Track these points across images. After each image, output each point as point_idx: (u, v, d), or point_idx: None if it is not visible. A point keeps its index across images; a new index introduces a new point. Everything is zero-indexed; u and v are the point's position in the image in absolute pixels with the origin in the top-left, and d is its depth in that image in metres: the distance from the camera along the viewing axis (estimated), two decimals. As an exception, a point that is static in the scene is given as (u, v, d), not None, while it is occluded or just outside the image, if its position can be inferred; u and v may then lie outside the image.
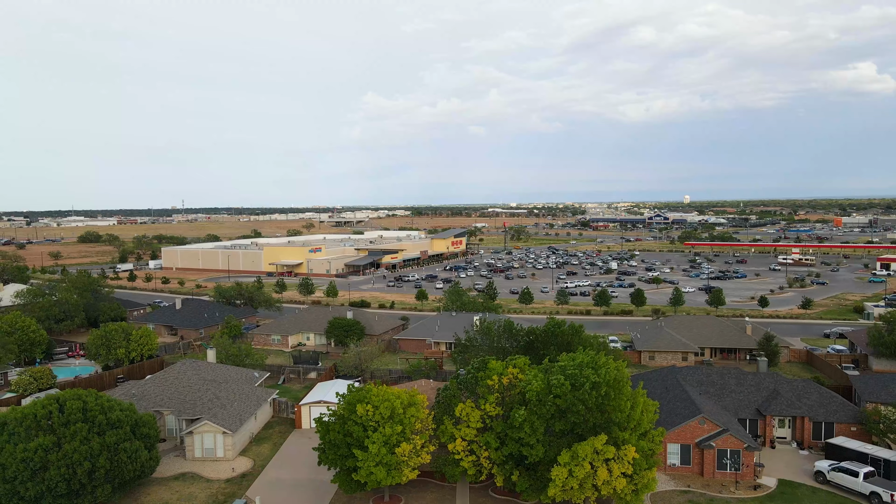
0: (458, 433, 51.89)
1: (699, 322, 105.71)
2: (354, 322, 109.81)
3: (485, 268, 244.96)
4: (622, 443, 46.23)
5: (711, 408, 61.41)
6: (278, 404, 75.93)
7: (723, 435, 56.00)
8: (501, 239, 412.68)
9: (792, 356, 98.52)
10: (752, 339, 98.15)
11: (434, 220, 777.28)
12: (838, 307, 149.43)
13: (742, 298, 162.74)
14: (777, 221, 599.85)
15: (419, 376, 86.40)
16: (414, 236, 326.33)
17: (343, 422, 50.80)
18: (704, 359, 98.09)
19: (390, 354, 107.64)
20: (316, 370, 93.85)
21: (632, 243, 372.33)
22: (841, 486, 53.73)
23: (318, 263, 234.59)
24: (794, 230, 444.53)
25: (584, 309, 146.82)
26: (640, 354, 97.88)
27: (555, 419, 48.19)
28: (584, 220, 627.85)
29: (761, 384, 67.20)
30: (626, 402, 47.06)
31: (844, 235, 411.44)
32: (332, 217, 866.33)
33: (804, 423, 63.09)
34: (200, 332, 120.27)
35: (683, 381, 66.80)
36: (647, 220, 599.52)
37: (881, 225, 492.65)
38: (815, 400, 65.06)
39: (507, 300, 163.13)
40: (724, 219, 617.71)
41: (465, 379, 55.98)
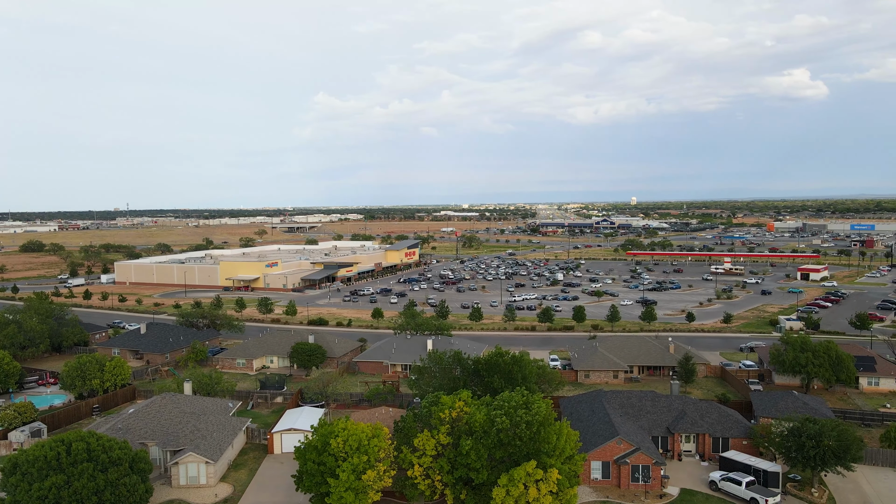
0: (416, 460, 61.29)
1: (629, 342, 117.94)
2: (316, 346, 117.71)
3: (437, 280, 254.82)
4: (549, 467, 56.55)
5: (629, 428, 72.57)
6: (251, 431, 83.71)
7: (636, 453, 67.11)
8: (454, 246, 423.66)
9: (708, 372, 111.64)
10: (675, 357, 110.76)
11: (387, 225, 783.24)
12: (757, 319, 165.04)
13: (674, 311, 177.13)
14: (716, 226, 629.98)
15: (379, 400, 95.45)
16: (368, 247, 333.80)
17: (318, 453, 59.59)
18: (633, 376, 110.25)
19: (350, 376, 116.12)
20: (282, 394, 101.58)
21: (579, 250, 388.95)
22: (729, 493, 65.49)
23: (274, 278, 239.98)
24: (729, 236, 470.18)
25: (530, 325, 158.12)
26: (577, 373, 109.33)
27: (496, 448, 58.22)
28: (534, 225, 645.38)
29: (672, 405, 78.98)
30: (553, 435, 57.46)
31: (775, 241, 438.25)
32: (284, 221, 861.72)
33: (705, 439, 75.04)
34: (166, 357, 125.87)
35: (607, 404, 77.89)
36: (595, 225, 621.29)
37: (809, 230, 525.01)
38: (714, 418, 77.09)
39: (459, 316, 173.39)
40: (666, 223, 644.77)
41: (420, 413, 65.50)
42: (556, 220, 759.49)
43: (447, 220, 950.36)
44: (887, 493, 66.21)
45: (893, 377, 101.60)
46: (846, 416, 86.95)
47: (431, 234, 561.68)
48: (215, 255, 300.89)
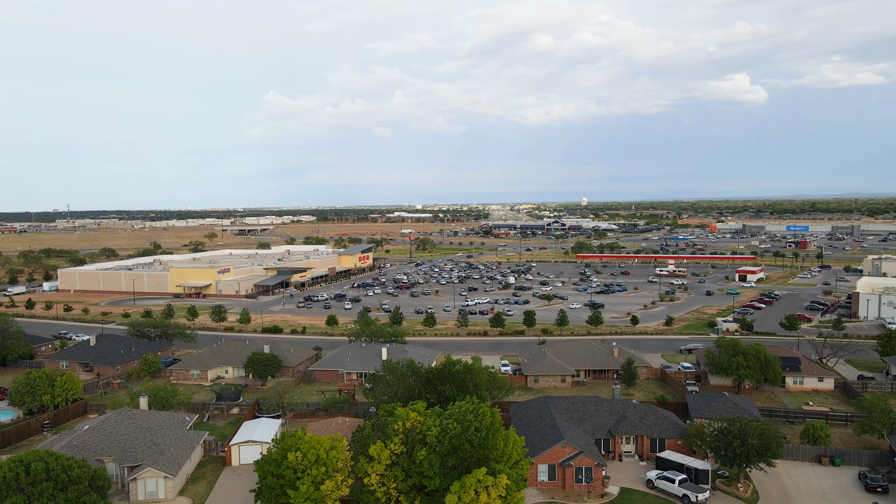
0: (371, 470, 64.16)
1: (577, 347, 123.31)
2: (272, 356, 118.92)
3: (392, 284, 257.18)
4: (498, 472, 60.32)
5: (574, 432, 77.13)
6: (208, 444, 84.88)
7: (579, 455, 71.63)
8: (408, 249, 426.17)
9: (650, 374, 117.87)
10: (618, 361, 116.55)
11: (341, 227, 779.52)
12: (697, 321, 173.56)
13: (620, 314, 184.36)
14: (662, 227, 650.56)
15: (335, 409, 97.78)
16: (322, 251, 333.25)
17: (277, 466, 61.83)
18: (580, 380, 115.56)
19: (306, 385, 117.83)
20: (239, 405, 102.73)
21: (531, 252, 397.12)
22: (664, 490, 70.65)
23: (227, 284, 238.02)
24: (673, 238, 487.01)
25: (482, 330, 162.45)
26: (527, 378, 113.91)
27: (448, 456, 61.65)
28: (487, 227, 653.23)
29: (613, 409, 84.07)
30: (500, 441, 61.29)
31: (717, 242, 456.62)
32: (235, 223, 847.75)
33: (644, 440, 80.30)
34: (117, 369, 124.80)
35: (554, 409, 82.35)
36: (546, 227, 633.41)
37: (748, 231, 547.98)
38: (652, 420, 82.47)
39: (413, 321, 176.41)
40: (615, 224, 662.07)
41: (376, 423, 68.42)
42: (509, 221, 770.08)
43: (401, 221, 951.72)
44: (805, 486, 72.57)
45: (816, 376, 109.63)
46: (772, 415, 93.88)
47: (385, 236, 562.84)
48: (164, 261, 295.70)
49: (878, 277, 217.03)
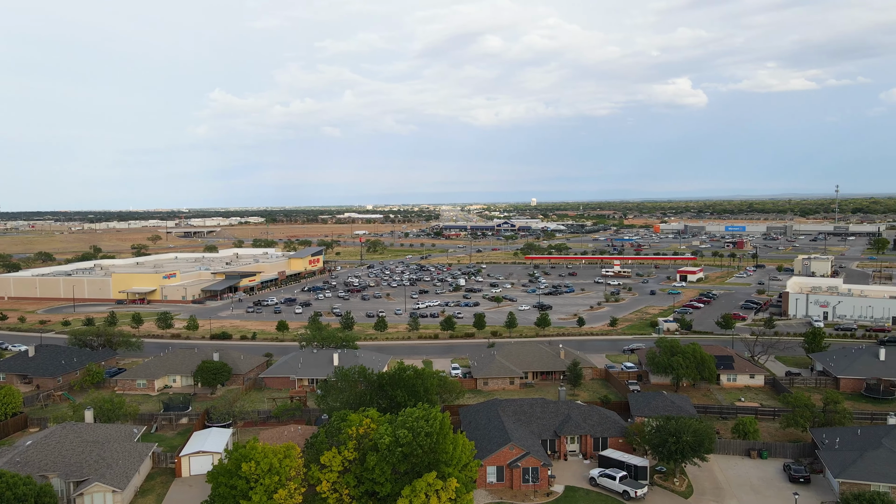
0: (323, 477, 65.33)
1: (525, 349, 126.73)
2: (222, 364, 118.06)
3: (342, 287, 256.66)
4: (448, 476, 62.47)
5: (521, 434, 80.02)
6: (157, 455, 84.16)
7: (526, 457, 74.50)
8: (358, 251, 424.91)
9: (594, 374, 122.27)
10: (565, 363, 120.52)
11: (290, 229, 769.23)
12: (640, 321, 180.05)
13: (567, 315, 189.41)
14: (608, 227, 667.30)
15: (287, 416, 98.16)
16: (271, 255, 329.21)
17: (230, 476, 62.34)
18: (528, 382, 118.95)
19: (257, 393, 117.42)
20: (188, 415, 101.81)
21: (481, 254, 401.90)
22: (605, 487, 74.20)
23: (173, 290, 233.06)
24: (619, 238, 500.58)
25: (433, 333, 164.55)
26: (477, 381, 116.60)
27: (400, 463, 63.42)
28: (438, 228, 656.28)
29: (559, 411, 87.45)
30: (450, 446, 63.44)
31: (661, 242, 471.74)
32: (180, 225, 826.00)
33: (587, 440, 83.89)
34: (58, 381, 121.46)
35: (502, 412, 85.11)
36: (496, 228, 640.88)
37: (690, 232, 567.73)
38: (596, 420, 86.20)
39: (364, 325, 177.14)
40: (564, 225, 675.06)
41: (329, 430, 69.64)
42: (460, 222, 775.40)
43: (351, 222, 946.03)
44: (735, 478, 77.39)
45: (748, 373, 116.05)
46: (707, 411, 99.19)
47: (336, 238, 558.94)
48: (106, 266, 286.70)
49: (808, 277, 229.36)
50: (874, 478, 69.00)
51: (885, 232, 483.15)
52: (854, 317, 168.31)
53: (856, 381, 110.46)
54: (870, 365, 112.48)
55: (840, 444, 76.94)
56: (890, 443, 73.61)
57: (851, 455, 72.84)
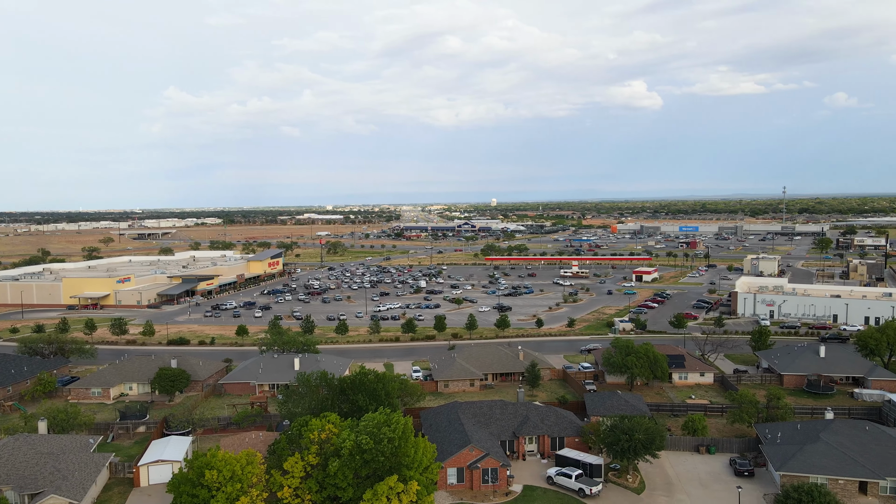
0: (286, 482, 65.88)
1: (485, 351, 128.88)
2: (180, 371, 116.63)
3: (303, 290, 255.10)
4: (409, 479, 63.80)
5: (480, 436, 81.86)
6: (114, 465, 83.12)
7: (485, 458, 76.36)
8: (318, 253, 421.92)
9: (552, 375, 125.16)
10: (523, 364, 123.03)
11: (248, 230, 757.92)
12: (597, 321, 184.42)
13: (526, 316, 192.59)
14: (567, 228, 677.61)
15: (248, 423, 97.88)
16: (229, 257, 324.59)
17: (193, 485, 62.37)
18: (488, 383, 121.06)
19: (216, 399, 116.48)
20: (145, 424, 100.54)
21: (442, 255, 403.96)
22: (562, 485, 76.63)
23: (127, 294, 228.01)
24: (577, 238, 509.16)
25: (394, 336, 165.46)
26: (437, 384, 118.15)
27: (362, 467, 64.47)
28: (399, 229, 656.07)
29: (517, 412, 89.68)
30: (412, 449, 64.80)
31: (618, 243, 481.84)
32: (133, 226, 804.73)
33: (545, 440, 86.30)
34: (8, 390, 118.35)
35: (462, 414, 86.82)
36: (457, 229, 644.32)
37: (646, 232, 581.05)
38: (553, 420, 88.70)
39: (325, 329, 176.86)
40: (523, 226, 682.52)
41: (291, 436, 70.18)
42: (420, 223, 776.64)
43: (311, 223, 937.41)
44: (684, 473, 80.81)
45: (698, 371, 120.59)
46: (659, 409, 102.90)
47: (296, 239, 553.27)
48: (56, 270, 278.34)
49: (756, 276, 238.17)
50: (812, 470, 73.09)
51: (829, 232, 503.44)
52: (798, 315, 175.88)
53: (798, 377, 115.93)
54: (811, 362, 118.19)
55: (782, 439, 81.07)
56: (827, 436, 77.97)
57: (792, 449, 76.93)
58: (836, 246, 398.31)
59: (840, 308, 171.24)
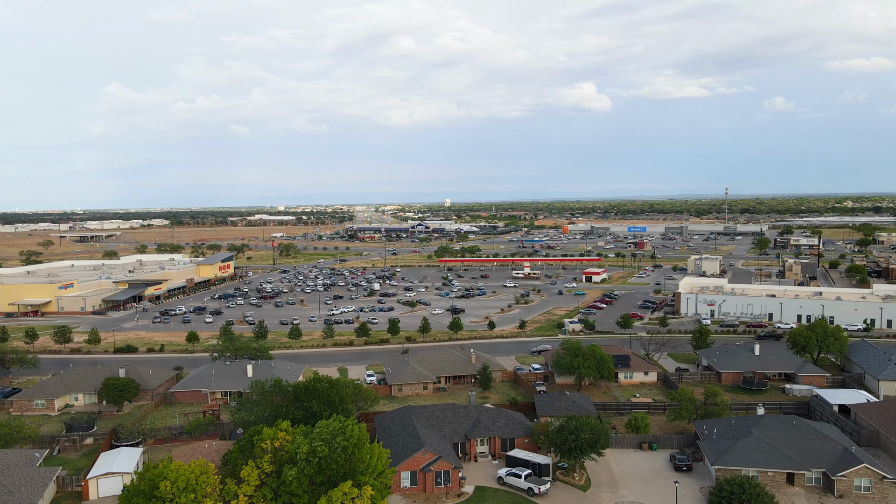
0: (240, 491, 66.45)
1: (438, 355, 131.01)
2: (129, 380, 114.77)
3: (255, 294, 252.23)
4: (364, 484, 65.31)
5: (433, 439, 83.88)
6: (62, 479, 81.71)
7: (438, 461, 78.44)
8: (271, 255, 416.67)
9: (504, 377, 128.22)
10: (476, 366, 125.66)
11: (197, 232, 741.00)
12: (548, 322, 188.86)
13: (479, 318, 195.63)
14: (519, 228, 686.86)
15: (200, 432, 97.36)
16: (178, 261, 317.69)
17: (146, 498, 62.33)
18: (441, 386, 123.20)
19: (167, 408, 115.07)
20: (93, 435, 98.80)
21: (395, 257, 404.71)
22: (512, 485, 79.37)
23: (70, 301, 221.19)
24: (529, 240, 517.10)
25: (348, 340, 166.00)
26: (391, 388, 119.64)
27: (317, 474, 65.62)
28: (352, 230, 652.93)
29: (469, 415, 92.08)
30: (367, 455, 66.33)
31: (569, 243, 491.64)
32: (74, 228, 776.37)
33: (496, 441, 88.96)
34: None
35: (415, 419, 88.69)
36: (410, 230, 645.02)
37: (596, 233, 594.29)
38: (503, 422, 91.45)
39: (279, 333, 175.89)
40: (476, 226, 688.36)
41: (244, 445, 70.70)
42: (374, 224, 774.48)
43: (262, 224, 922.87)
44: (628, 470, 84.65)
45: (643, 370, 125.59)
46: (605, 408, 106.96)
47: (247, 241, 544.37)
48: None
49: (699, 276, 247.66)
50: (744, 463, 77.81)
51: (768, 232, 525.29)
52: (737, 314, 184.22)
53: (735, 374, 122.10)
54: (747, 360, 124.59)
55: (717, 434, 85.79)
56: (758, 431, 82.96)
57: (726, 444, 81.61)
58: (774, 245, 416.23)
59: (775, 307, 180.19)
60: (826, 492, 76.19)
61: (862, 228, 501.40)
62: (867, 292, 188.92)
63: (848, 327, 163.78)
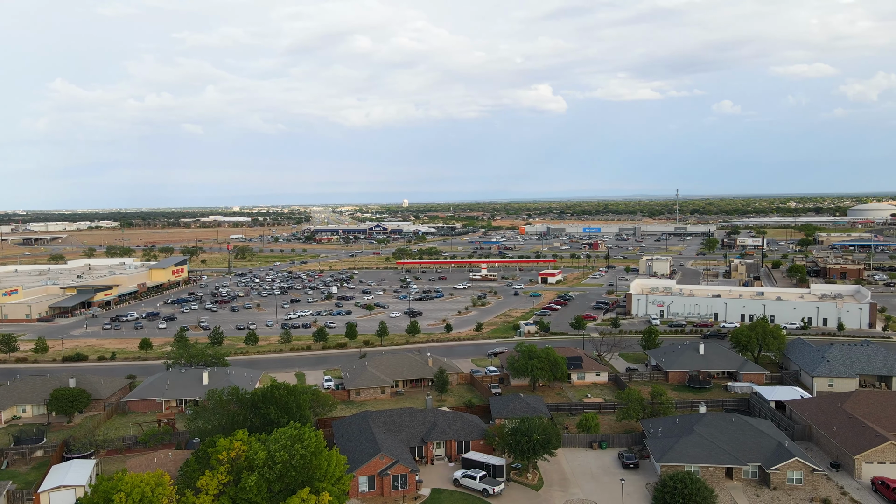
0: (198, 501, 66.79)
1: (395, 358, 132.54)
2: (79, 390, 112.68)
3: (209, 299, 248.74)
4: (321, 491, 66.55)
5: (390, 444, 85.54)
6: (12, 494, 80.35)
7: (395, 465, 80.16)
8: (226, 258, 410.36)
9: (460, 379, 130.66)
10: (432, 370, 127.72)
11: (149, 234, 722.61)
12: (504, 324, 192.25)
13: (436, 321, 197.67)
14: (477, 229, 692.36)
15: (155, 442, 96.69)
16: (129, 265, 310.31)
17: (99, 512, 62.21)
18: (398, 390, 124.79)
19: (120, 418, 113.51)
20: (43, 448, 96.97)
21: (353, 259, 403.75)
22: (468, 487, 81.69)
23: (15, 308, 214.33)
24: (487, 241, 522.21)
25: (306, 345, 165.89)
26: (349, 392, 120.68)
27: (276, 481, 66.58)
28: (309, 231, 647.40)
29: (426, 418, 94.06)
30: (324, 462, 67.59)
31: (525, 244, 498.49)
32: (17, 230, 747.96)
33: (452, 444, 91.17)
34: None
35: (373, 424, 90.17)
36: (368, 231, 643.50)
37: (552, 233, 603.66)
38: (459, 425, 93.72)
39: (235, 339, 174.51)
40: (434, 228, 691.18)
41: (200, 456, 71.09)
42: (332, 225, 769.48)
43: (217, 225, 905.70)
44: (579, 468, 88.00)
45: (595, 371, 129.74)
46: (558, 409, 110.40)
47: (200, 243, 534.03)
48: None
49: (650, 277, 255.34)
50: (687, 460, 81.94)
51: (716, 232, 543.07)
52: (685, 314, 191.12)
53: (681, 373, 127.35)
54: (692, 359, 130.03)
55: (662, 432, 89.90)
56: (700, 429, 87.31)
57: (670, 441, 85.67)
58: (722, 246, 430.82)
59: (720, 307, 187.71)
60: (762, 485, 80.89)
61: (803, 229, 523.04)
62: (805, 292, 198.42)
63: (787, 326, 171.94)
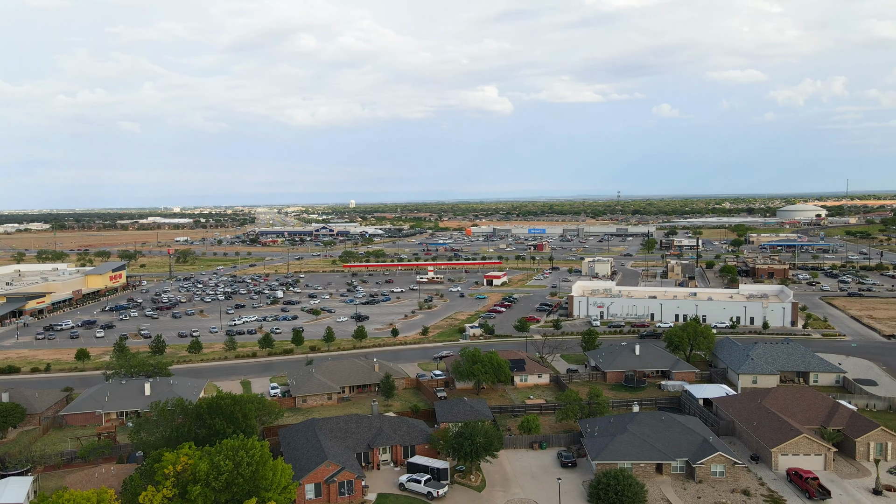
0: (142, 516, 66.95)
1: (341, 365, 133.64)
2: (13, 405, 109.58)
3: (150, 305, 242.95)
4: (268, 500, 67.74)
5: (337, 451, 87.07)
6: (-57, 515, 78.07)
7: (342, 472, 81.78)
8: (166, 262, 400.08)
9: (406, 384, 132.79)
10: (379, 375, 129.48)
11: (83, 237, 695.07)
12: (450, 327, 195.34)
13: (383, 325, 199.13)
14: (424, 231, 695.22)
15: (95, 456, 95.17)
16: (63, 271, 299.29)
17: (39, 531, 61.73)
18: (345, 396, 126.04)
19: (57, 432, 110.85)
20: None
21: (299, 262, 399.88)
22: (413, 490, 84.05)
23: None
24: (434, 243, 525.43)
25: (251, 352, 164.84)
26: (295, 399, 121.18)
27: (222, 492, 67.35)
28: (254, 234, 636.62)
29: (372, 424, 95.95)
30: (270, 472, 68.78)
31: (472, 245, 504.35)
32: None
33: (397, 449, 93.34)
34: None
35: (319, 431, 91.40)
36: (315, 233, 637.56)
37: (498, 235, 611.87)
38: (405, 431, 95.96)
39: (178, 347, 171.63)
40: (381, 229, 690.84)
41: (145, 471, 71.10)
42: (277, 227, 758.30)
43: (157, 227, 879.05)
44: (520, 469, 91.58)
45: (537, 373, 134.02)
46: (501, 411, 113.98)
47: (139, 247, 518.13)
48: None
49: (591, 279, 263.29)
50: (620, 457, 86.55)
51: (655, 233, 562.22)
52: (623, 315, 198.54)
53: (618, 373, 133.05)
54: (629, 359, 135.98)
55: (598, 432, 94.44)
56: (633, 427, 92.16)
57: (605, 440, 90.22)
58: (660, 246, 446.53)
59: (656, 308, 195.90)
60: (688, 478, 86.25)
61: (736, 229, 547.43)
62: (734, 292, 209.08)
63: (717, 325, 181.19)
